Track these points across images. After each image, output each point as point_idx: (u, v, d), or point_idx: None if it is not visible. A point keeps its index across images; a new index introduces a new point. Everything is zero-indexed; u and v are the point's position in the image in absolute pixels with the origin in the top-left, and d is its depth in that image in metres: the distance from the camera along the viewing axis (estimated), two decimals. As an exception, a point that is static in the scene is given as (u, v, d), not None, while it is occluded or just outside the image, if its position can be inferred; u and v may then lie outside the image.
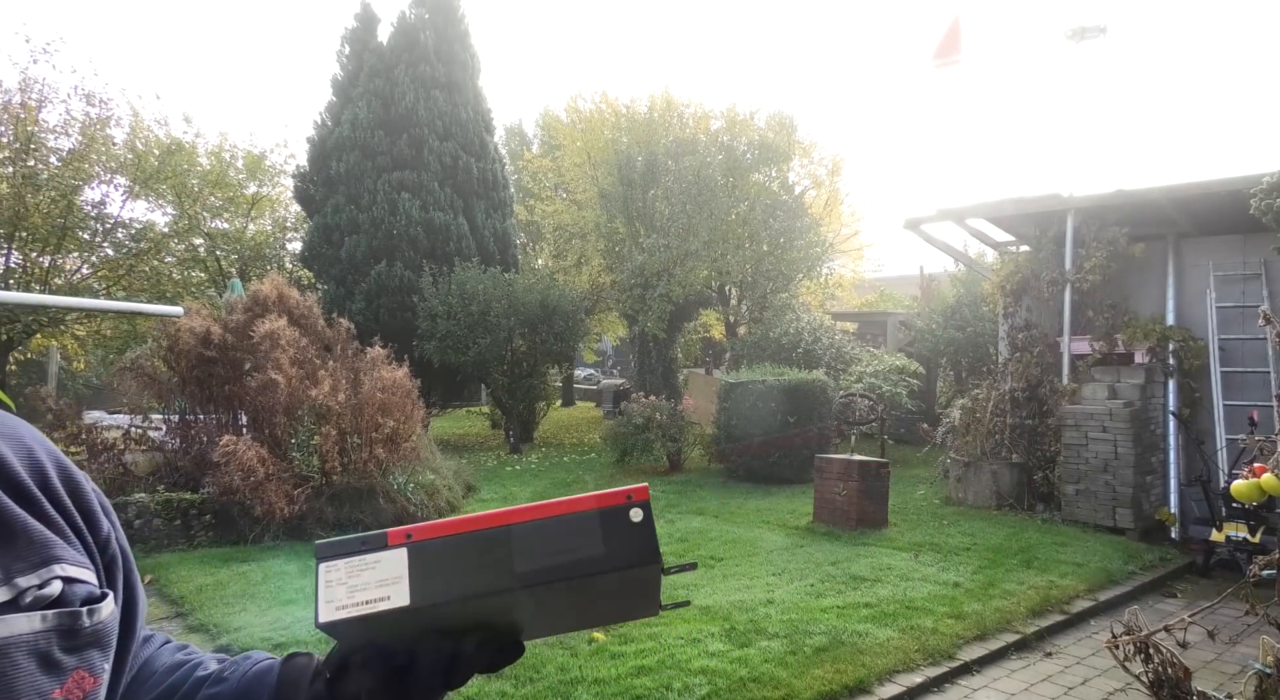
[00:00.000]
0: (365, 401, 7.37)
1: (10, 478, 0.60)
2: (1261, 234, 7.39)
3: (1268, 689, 2.86)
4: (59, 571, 0.58)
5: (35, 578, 0.56)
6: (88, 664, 0.57)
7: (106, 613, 0.60)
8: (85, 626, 0.57)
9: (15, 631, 0.53)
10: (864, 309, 19.29)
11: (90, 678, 0.57)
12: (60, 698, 0.54)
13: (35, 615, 0.54)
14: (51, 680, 0.54)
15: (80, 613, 0.57)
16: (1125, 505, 7.64)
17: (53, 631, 0.55)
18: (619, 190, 15.23)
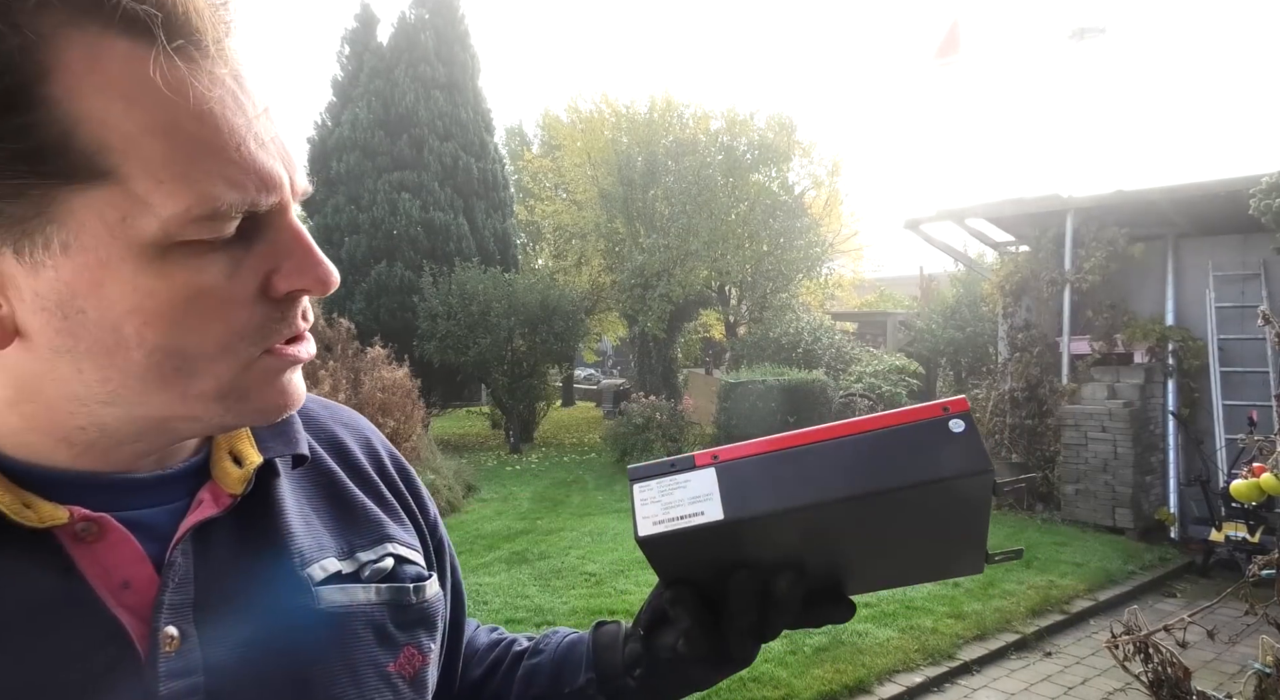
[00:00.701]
0: (365, 401, 7.38)
1: (352, 462, 0.66)
2: (1261, 234, 7.39)
3: (1267, 689, 2.86)
4: (391, 549, 0.62)
5: (372, 553, 0.61)
6: (417, 642, 0.61)
7: (432, 593, 0.65)
8: (413, 603, 0.62)
9: (356, 600, 0.57)
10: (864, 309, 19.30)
11: (419, 655, 0.61)
12: (394, 671, 0.58)
13: (372, 587, 0.59)
14: (386, 653, 0.58)
15: (408, 589, 0.62)
16: (1125, 505, 7.65)
17: (386, 605, 0.59)
18: (619, 190, 15.23)
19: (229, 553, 0.53)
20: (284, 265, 0.50)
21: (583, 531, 7.11)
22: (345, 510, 0.62)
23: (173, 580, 0.50)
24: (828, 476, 0.54)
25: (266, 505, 0.57)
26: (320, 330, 8.10)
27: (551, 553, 6.55)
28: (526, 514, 8.09)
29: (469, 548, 6.81)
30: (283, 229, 0.50)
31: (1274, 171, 6.69)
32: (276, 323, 0.50)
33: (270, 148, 0.48)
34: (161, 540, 0.51)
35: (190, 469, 0.55)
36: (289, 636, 0.53)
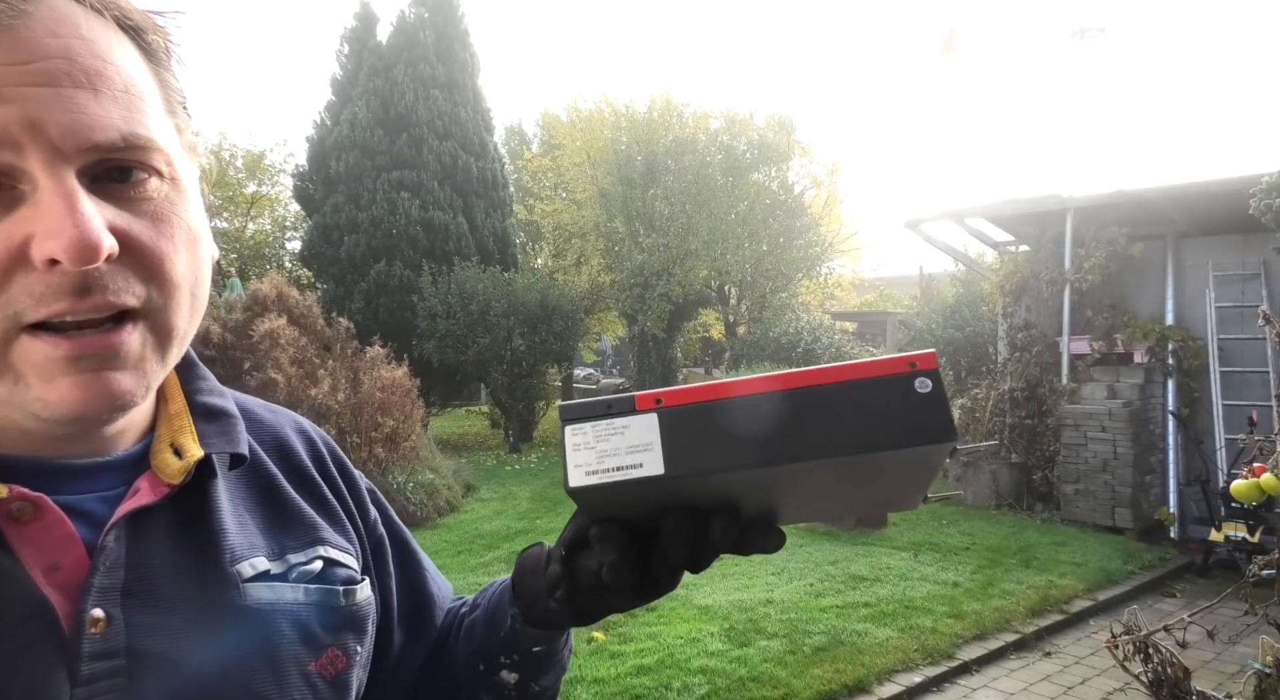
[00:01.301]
0: (365, 401, 7.38)
1: (294, 464, 0.67)
2: (1261, 234, 7.39)
3: (1267, 689, 2.86)
4: (322, 553, 0.63)
5: (303, 555, 0.61)
6: (342, 644, 0.61)
7: (362, 596, 0.65)
8: (341, 605, 0.62)
9: (282, 598, 0.58)
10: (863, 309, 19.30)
11: (343, 657, 0.61)
12: (315, 670, 0.59)
13: (300, 587, 0.60)
14: (308, 652, 0.59)
15: (338, 592, 0.62)
16: (1124, 505, 7.65)
17: (313, 606, 0.60)
18: (618, 190, 15.22)
19: (161, 543, 0.54)
20: (39, 229, 0.45)
21: (582, 531, 7.10)
22: (279, 512, 0.63)
23: (104, 564, 0.50)
24: (778, 435, 0.49)
25: (201, 501, 0.57)
26: (319, 330, 8.10)
27: (551, 552, 6.55)
28: (526, 513, 8.09)
29: (468, 547, 6.81)
30: (46, 189, 0.45)
31: (1274, 171, 6.69)
32: (34, 296, 0.45)
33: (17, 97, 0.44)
34: (96, 525, 0.51)
35: (128, 458, 0.56)
36: (213, 629, 0.54)
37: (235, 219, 18.18)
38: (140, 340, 0.49)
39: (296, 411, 0.78)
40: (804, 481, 0.53)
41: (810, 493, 0.57)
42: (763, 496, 0.56)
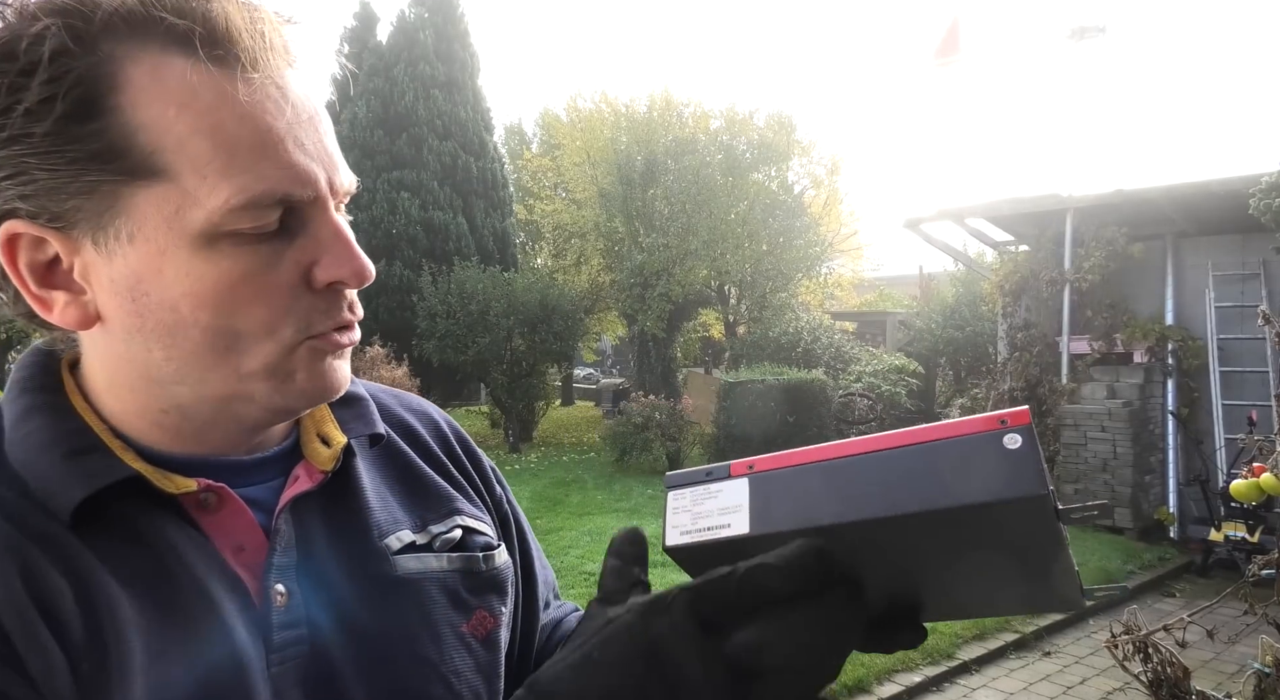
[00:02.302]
0: (364, 401, 7.39)
1: (421, 444, 0.73)
2: (1261, 234, 7.39)
3: (1266, 689, 2.86)
4: (460, 521, 0.68)
5: (443, 525, 0.67)
6: (488, 605, 0.67)
7: (501, 560, 0.70)
8: (483, 570, 0.67)
9: (430, 568, 0.64)
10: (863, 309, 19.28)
11: (490, 618, 0.67)
12: (467, 632, 0.64)
13: (444, 555, 0.65)
14: (459, 615, 0.64)
15: (478, 558, 0.67)
16: (1124, 505, 7.65)
17: (458, 572, 0.65)
18: (618, 190, 15.22)
19: (319, 523, 0.61)
20: (323, 258, 0.55)
21: (582, 531, 7.10)
22: (417, 487, 0.69)
23: (279, 545, 0.57)
24: (861, 493, 0.49)
25: (348, 483, 0.64)
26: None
27: (551, 552, 6.55)
28: (526, 513, 8.07)
29: (468, 547, 6.81)
30: (323, 225, 0.55)
31: (1274, 171, 6.69)
32: (319, 312, 0.56)
33: (308, 149, 0.54)
34: (264, 512, 0.59)
35: (283, 452, 0.63)
36: (373, 599, 0.60)
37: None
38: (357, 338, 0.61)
39: None
40: (911, 554, 0.52)
41: (933, 575, 0.55)
42: (882, 573, 0.53)
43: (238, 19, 0.51)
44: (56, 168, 0.49)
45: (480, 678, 0.64)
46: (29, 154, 0.49)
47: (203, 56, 0.50)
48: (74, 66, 0.48)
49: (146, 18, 0.50)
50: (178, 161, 0.50)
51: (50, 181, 0.50)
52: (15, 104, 0.48)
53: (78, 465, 0.53)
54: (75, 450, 0.54)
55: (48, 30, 0.48)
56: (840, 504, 0.49)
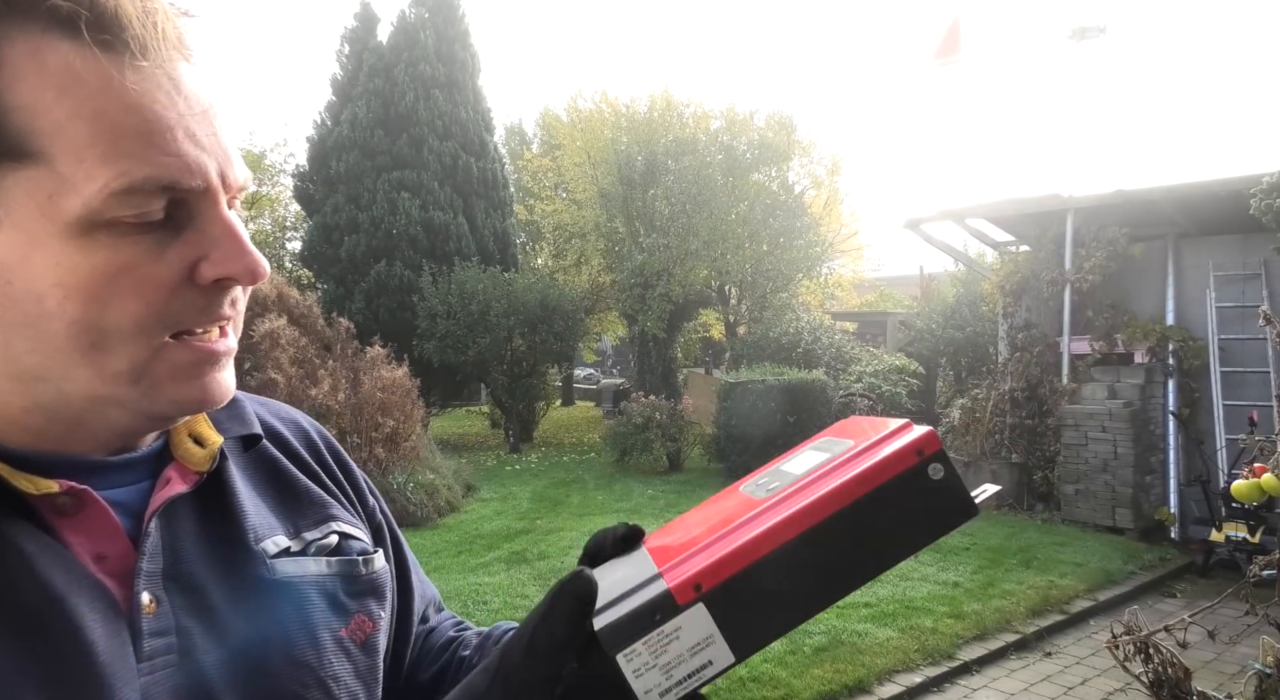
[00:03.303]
0: (365, 401, 7.37)
1: (292, 451, 0.71)
2: (1261, 234, 7.39)
3: (1267, 689, 2.86)
4: (335, 527, 0.67)
5: (318, 532, 0.65)
6: (367, 610, 0.66)
7: (379, 565, 0.69)
8: (362, 574, 0.66)
9: (308, 571, 0.62)
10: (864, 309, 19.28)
11: (369, 622, 0.65)
12: (346, 636, 0.63)
13: (322, 560, 0.64)
14: (338, 619, 0.63)
15: (357, 562, 0.66)
16: (1125, 505, 7.64)
17: (337, 576, 0.64)
18: (619, 190, 15.21)
19: (192, 528, 0.58)
20: (212, 253, 0.53)
21: (582, 531, 7.10)
22: (288, 494, 0.67)
23: (147, 550, 0.54)
24: (820, 579, 0.49)
25: (221, 486, 0.61)
26: (320, 330, 8.10)
27: (551, 552, 6.55)
28: (526, 514, 8.09)
29: (468, 547, 6.81)
30: (214, 220, 0.53)
31: (1275, 171, 6.69)
32: (196, 309, 0.53)
33: (200, 141, 0.52)
34: (130, 516, 0.56)
35: (152, 453, 0.60)
36: (249, 603, 0.58)
37: (235, 219, 18.17)
38: (235, 343, 0.58)
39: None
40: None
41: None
42: None
43: (128, 6, 0.50)
44: None
45: (359, 683, 0.63)
46: None
47: (89, 41, 0.48)
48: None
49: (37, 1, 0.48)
50: (54, 146, 0.48)
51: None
52: None
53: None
54: None
55: None
56: (806, 599, 0.49)
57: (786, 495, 0.52)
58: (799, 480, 0.53)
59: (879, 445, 0.52)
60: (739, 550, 0.48)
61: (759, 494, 0.54)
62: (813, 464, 0.55)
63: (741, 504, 0.54)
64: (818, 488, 0.51)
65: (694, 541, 0.51)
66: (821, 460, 0.55)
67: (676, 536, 0.54)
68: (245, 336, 7.43)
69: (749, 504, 0.53)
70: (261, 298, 7.86)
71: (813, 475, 0.53)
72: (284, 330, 7.26)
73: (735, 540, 0.49)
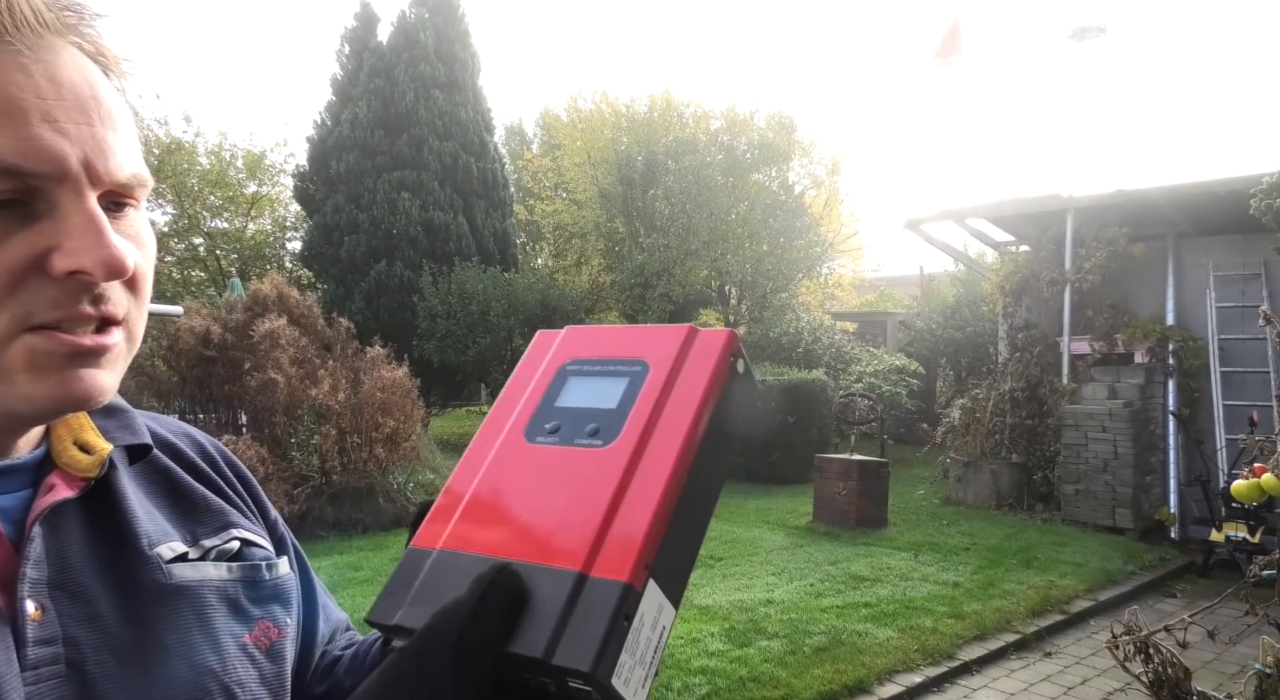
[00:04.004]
0: (365, 401, 7.37)
1: (187, 461, 0.70)
2: (1261, 234, 7.39)
3: (1267, 689, 2.86)
4: (236, 534, 0.66)
5: (217, 539, 0.64)
6: (271, 616, 0.64)
7: (283, 571, 0.68)
8: (265, 579, 0.65)
9: (207, 576, 0.61)
10: (864, 309, 19.27)
11: (275, 628, 0.64)
12: (250, 642, 0.62)
13: (223, 565, 0.63)
14: (241, 626, 0.62)
15: (260, 567, 0.65)
16: (1125, 505, 7.64)
17: (239, 582, 0.63)
18: (619, 190, 15.22)
19: (79, 535, 0.56)
20: (65, 244, 0.50)
21: (582, 531, 7.10)
22: (184, 503, 0.65)
23: (30, 556, 0.52)
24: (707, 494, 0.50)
25: (110, 493, 0.59)
26: (320, 330, 8.09)
27: (551, 552, 6.54)
28: (526, 514, 8.07)
29: (469, 547, 6.81)
30: (74, 211, 0.50)
31: (1275, 171, 6.69)
32: (46, 300, 0.50)
33: (64, 129, 0.50)
34: (11, 523, 0.54)
35: (34, 460, 0.58)
36: (144, 610, 0.56)
37: (236, 219, 18.18)
38: (120, 344, 0.55)
39: (296, 411, 0.79)
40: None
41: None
42: None
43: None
44: None
45: (265, 690, 0.61)
46: None
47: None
48: None
49: None
50: None
51: None
52: None
53: None
54: None
55: None
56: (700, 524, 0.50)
57: (637, 436, 0.49)
58: (628, 416, 0.50)
59: (692, 360, 0.52)
60: (657, 512, 0.46)
61: (588, 441, 0.50)
62: (616, 393, 0.52)
63: (583, 460, 0.49)
64: (670, 420, 0.49)
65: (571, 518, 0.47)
66: (623, 388, 0.52)
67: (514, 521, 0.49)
68: (245, 336, 7.43)
69: (598, 457, 0.49)
70: (262, 298, 7.86)
71: (640, 407, 0.50)
72: (284, 330, 7.26)
73: (642, 503, 0.46)
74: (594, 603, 0.43)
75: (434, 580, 0.47)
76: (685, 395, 0.50)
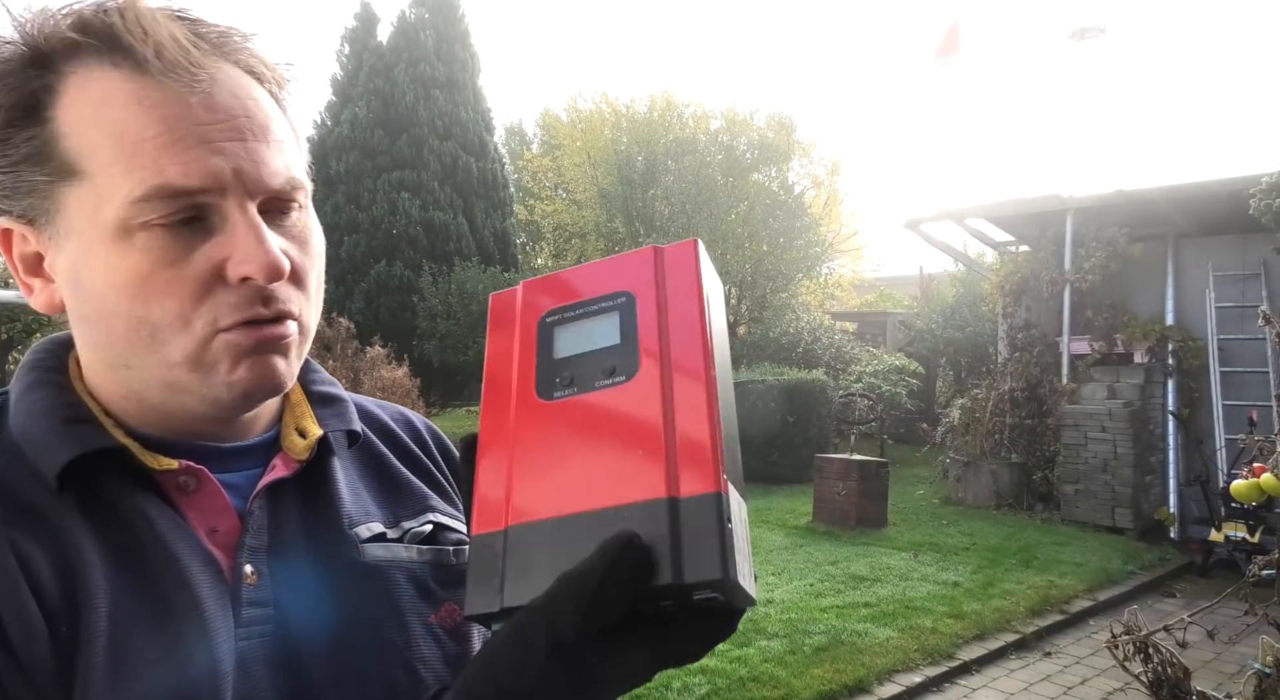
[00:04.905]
0: (365, 401, 7.37)
1: (400, 445, 0.76)
2: (1261, 234, 7.40)
3: (1267, 689, 2.86)
4: (432, 518, 0.71)
5: (415, 521, 0.70)
6: (458, 599, 0.67)
7: None
8: (454, 564, 0.69)
9: (398, 557, 0.66)
10: (864, 309, 19.27)
11: (459, 611, 0.67)
12: (435, 622, 0.66)
13: (414, 547, 0.68)
14: (427, 606, 0.66)
15: (449, 551, 0.70)
16: (1124, 505, 7.65)
17: (428, 564, 0.68)
18: (619, 190, 15.22)
19: (293, 511, 0.64)
20: (235, 253, 0.57)
21: (582, 531, 7.10)
22: (391, 486, 0.72)
23: (252, 528, 0.61)
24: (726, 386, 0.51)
25: (323, 475, 0.67)
26: (320, 330, 8.09)
27: (551, 552, 6.54)
28: (526, 513, 8.07)
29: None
30: (238, 222, 0.57)
31: (1274, 171, 6.70)
32: (228, 305, 0.57)
33: (221, 147, 0.56)
34: (241, 497, 0.62)
35: (262, 443, 0.66)
36: (340, 584, 0.63)
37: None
38: (295, 335, 0.62)
39: None
40: None
41: None
42: None
43: (154, 33, 0.55)
44: (8, 171, 0.56)
45: (448, 669, 0.65)
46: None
47: (128, 68, 0.55)
48: (25, 79, 0.55)
49: (93, 37, 0.55)
50: (93, 163, 0.55)
51: (10, 183, 0.56)
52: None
53: (72, 431, 0.58)
54: (72, 418, 0.59)
55: (7, 48, 0.55)
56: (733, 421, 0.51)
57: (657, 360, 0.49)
58: (638, 346, 0.50)
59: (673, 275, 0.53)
60: (711, 422, 0.47)
61: (610, 381, 0.50)
62: (614, 328, 0.52)
63: (614, 399, 0.49)
64: (681, 334, 0.50)
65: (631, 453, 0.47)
66: (617, 322, 0.52)
67: (572, 475, 0.49)
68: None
69: (627, 392, 0.49)
70: (261, 298, 7.86)
71: (645, 333, 0.51)
72: (284, 330, 7.26)
73: (694, 418, 0.47)
74: (696, 518, 0.45)
75: (520, 557, 0.47)
76: (684, 309, 0.51)
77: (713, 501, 0.45)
